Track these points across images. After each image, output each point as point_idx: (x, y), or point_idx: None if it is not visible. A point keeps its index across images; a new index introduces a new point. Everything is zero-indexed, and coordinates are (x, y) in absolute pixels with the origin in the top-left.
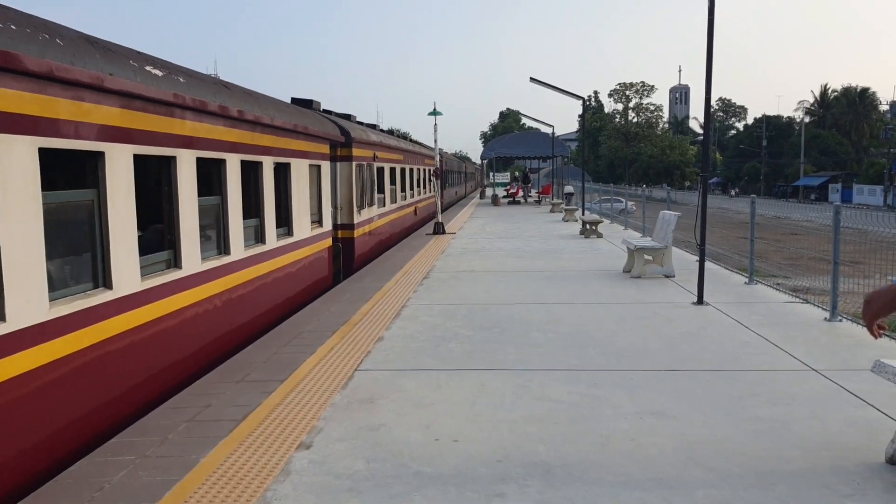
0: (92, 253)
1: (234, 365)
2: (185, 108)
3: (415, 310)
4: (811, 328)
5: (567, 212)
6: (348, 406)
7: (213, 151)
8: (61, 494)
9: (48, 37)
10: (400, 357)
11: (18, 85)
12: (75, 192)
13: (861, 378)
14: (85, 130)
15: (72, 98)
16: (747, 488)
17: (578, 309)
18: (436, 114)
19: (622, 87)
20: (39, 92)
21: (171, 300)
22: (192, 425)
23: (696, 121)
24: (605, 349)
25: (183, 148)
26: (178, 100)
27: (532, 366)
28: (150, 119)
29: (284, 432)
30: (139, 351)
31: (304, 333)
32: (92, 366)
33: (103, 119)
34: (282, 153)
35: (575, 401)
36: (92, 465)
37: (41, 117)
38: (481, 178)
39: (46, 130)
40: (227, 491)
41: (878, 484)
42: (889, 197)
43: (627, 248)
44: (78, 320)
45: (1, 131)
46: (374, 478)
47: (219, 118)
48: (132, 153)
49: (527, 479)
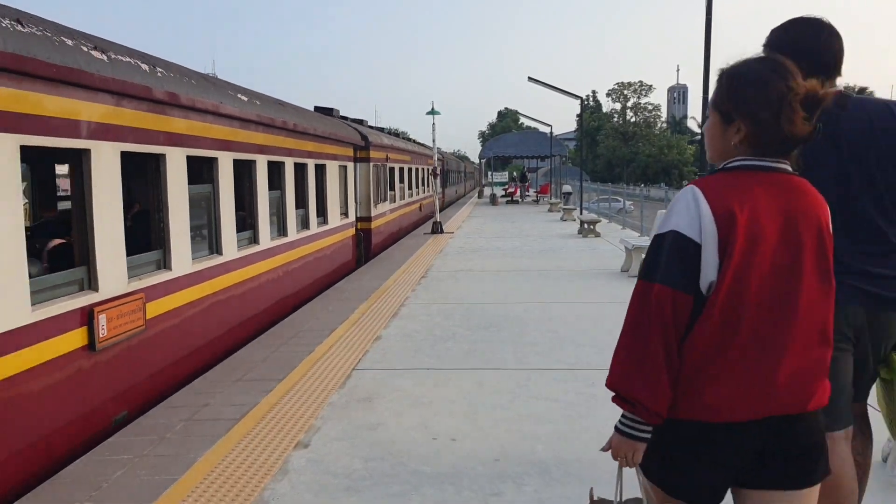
0: (209, 229)
1: (232, 364)
2: (259, 124)
3: (413, 309)
4: None
5: (565, 211)
6: (346, 405)
7: (276, 156)
8: (59, 493)
9: (194, 82)
10: (398, 356)
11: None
12: (204, 186)
13: None
14: (207, 143)
15: (201, 121)
16: None
17: (576, 308)
18: (434, 113)
19: (620, 87)
20: (188, 118)
21: (251, 268)
22: (189, 424)
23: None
24: (602, 348)
25: (259, 154)
26: (258, 118)
27: (529, 365)
28: (241, 133)
29: (282, 431)
30: (243, 299)
31: (302, 332)
32: (216, 307)
33: (217, 135)
34: (320, 156)
35: (572, 399)
36: (90, 463)
37: (188, 135)
38: (480, 178)
39: (192, 143)
40: (225, 490)
41: (874, 483)
42: None
43: (625, 248)
44: (206, 274)
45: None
46: (372, 477)
47: (280, 130)
48: (231, 158)
49: (524, 477)
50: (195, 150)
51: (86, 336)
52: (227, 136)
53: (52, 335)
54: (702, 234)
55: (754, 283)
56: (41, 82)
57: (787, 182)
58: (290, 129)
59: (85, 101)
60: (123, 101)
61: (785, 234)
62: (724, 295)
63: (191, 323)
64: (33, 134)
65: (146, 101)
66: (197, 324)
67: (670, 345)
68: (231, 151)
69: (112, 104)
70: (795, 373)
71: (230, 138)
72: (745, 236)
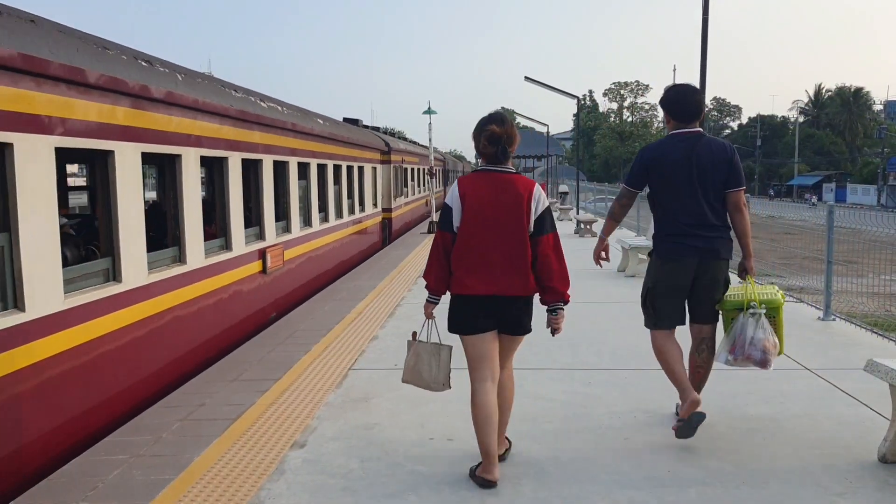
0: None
1: (228, 364)
2: (335, 140)
3: (409, 308)
4: (805, 327)
5: (561, 210)
6: (343, 405)
7: (342, 161)
8: (55, 494)
9: (261, 101)
10: (394, 356)
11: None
12: (302, 182)
13: (854, 377)
14: (252, 147)
15: (306, 141)
16: (739, 486)
17: (572, 308)
18: (430, 112)
19: (617, 87)
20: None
21: (310, 243)
22: (185, 424)
23: None
24: (598, 348)
25: (330, 160)
26: (331, 135)
27: (526, 364)
28: (326, 146)
29: (279, 431)
30: (329, 253)
31: (298, 332)
32: (317, 256)
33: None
34: (362, 160)
35: (568, 399)
36: (85, 463)
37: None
38: None
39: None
40: (222, 490)
41: (870, 482)
42: (882, 196)
43: (622, 248)
44: (310, 237)
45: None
46: (369, 477)
47: (347, 144)
48: (316, 163)
49: (521, 477)
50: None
51: (261, 266)
52: (314, 148)
53: (248, 263)
54: (453, 203)
55: (475, 228)
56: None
57: (499, 176)
58: (352, 142)
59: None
60: (242, 123)
61: (493, 203)
62: (461, 232)
63: (304, 266)
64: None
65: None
66: (308, 266)
67: (442, 258)
68: (317, 159)
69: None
70: (504, 274)
71: (316, 150)
72: (469, 204)
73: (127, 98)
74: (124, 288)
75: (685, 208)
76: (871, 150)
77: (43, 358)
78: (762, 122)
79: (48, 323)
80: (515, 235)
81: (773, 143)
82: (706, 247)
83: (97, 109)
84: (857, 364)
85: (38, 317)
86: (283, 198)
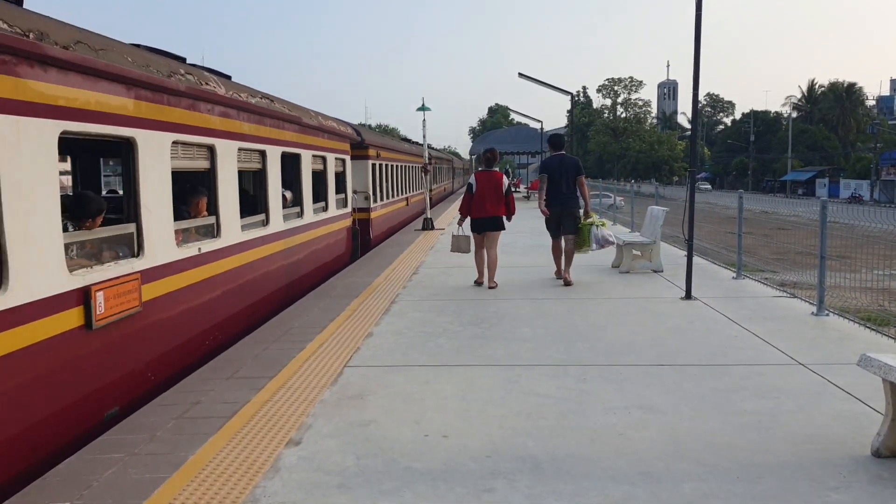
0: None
1: (223, 361)
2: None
3: (404, 306)
4: (798, 322)
5: None
6: (338, 402)
7: (402, 162)
8: (49, 492)
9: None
10: (389, 353)
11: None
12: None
13: (847, 372)
14: (292, 144)
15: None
16: (734, 481)
17: (567, 304)
18: (424, 109)
19: (611, 83)
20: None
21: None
22: (180, 422)
23: (685, 116)
24: (593, 344)
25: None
26: (409, 150)
27: (521, 361)
28: (403, 158)
29: (274, 429)
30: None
31: (293, 330)
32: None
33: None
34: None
35: (563, 395)
36: (80, 462)
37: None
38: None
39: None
40: (217, 488)
41: (864, 476)
42: (875, 191)
43: (616, 244)
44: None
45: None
46: (364, 474)
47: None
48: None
49: (516, 473)
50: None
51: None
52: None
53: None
54: (472, 181)
55: (480, 192)
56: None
57: (490, 172)
58: (406, 151)
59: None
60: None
61: (487, 185)
62: (475, 194)
63: (317, 243)
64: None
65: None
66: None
67: (467, 203)
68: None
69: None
70: (492, 208)
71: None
72: (478, 181)
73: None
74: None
75: (558, 187)
76: (864, 145)
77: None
78: (755, 118)
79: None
80: (497, 193)
81: (766, 138)
82: (566, 203)
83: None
84: (851, 359)
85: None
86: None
